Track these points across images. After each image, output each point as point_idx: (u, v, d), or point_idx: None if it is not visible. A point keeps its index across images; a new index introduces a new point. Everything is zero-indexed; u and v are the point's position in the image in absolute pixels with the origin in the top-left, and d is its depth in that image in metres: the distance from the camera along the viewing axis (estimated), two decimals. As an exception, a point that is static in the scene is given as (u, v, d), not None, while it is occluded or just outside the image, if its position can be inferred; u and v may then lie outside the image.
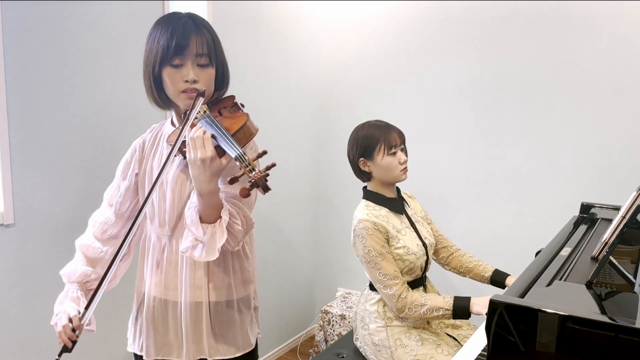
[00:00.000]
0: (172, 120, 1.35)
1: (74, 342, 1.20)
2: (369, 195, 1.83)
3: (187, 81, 1.19)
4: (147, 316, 1.32)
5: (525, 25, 2.44)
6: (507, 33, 2.49)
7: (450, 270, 2.01)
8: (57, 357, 1.20)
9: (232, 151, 1.05)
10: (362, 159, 1.78)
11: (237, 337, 1.33)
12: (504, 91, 2.53)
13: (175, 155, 1.18)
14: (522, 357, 0.91)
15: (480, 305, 1.64)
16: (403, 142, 1.80)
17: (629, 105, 2.26)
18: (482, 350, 1.48)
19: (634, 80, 2.24)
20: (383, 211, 1.78)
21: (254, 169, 1.01)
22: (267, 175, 1.00)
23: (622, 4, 2.23)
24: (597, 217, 1.85)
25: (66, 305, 1.24)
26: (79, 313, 1.22)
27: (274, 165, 1.03)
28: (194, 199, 1.14)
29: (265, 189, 1.00)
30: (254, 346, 1.39)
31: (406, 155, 1.79)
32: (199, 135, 1.07)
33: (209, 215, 1.13)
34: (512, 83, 2.50)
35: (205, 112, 1.20)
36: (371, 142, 1.75)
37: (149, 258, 1.32)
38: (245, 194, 1.00)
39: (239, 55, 2.46)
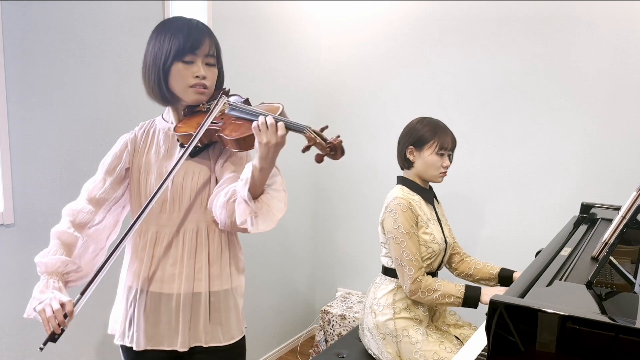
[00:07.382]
0: (162, 115, 1.40)
1: (62, 331, 1.16)
2: (404, 181, 1.90)
3: (197, 77, 1.27)
4: (139, 309, 1.33)
5: (526, 25, 2.44)
6: (507, 33, 2.49)
7: (458, 275, 2.06)
8: (41, 346, 1.15)
9: (299, 127, 1.17)
10: (411, 147, 1.85)
11: (232, 325, 1.36)
12: (503, 91, 2.53)
13: (195, 145, 1.25)
14: (522, 357, 0.91)
15: (490, 296, 1.68)
16: (453, 149, 1.87)
17: (629, 105, 2.26)
18: (482, 350, 1.48)
19: (634, 80, 2.24)
20: (416, 197, 1.86)
21: (325, 138, 1.15)
22: (342, 141, 1.15)
23: (622, 4, 2.23)
24: (597, 217, 1.85)
25: (53, 293, 1.18)
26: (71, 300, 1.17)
27: (327, 127, 1.19)
28: (245, 175, 1.19)
29: (343, 152, 1.15)
30: (243, 334, 1.42)
31: (450, 162, 1.87)
32: (272, 122, 1.16)
33: (258, 191, 1.21)
34: (512, 83, 2.50)
35: (229, 103, 1.30)
36: (427, 135, 1.83)
37: (143, 252, 1.32)
38: (320, 159, 1.17)
39: (238, 55, 2.46)
